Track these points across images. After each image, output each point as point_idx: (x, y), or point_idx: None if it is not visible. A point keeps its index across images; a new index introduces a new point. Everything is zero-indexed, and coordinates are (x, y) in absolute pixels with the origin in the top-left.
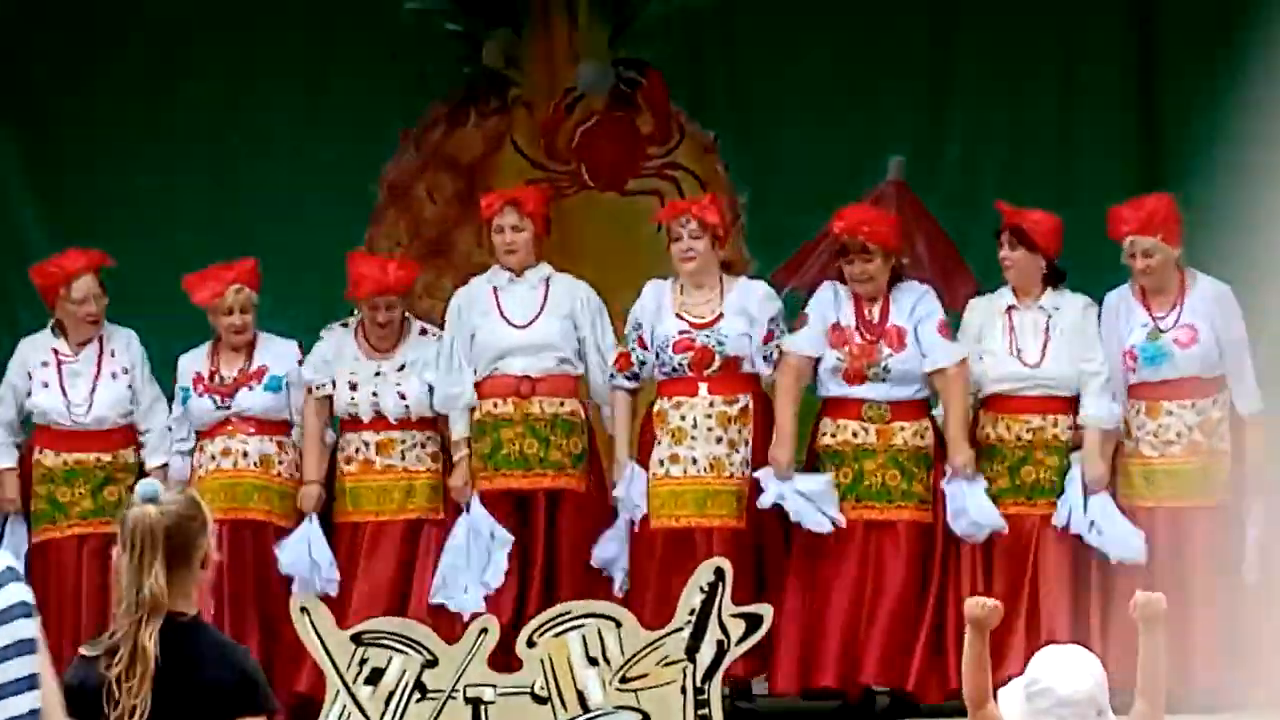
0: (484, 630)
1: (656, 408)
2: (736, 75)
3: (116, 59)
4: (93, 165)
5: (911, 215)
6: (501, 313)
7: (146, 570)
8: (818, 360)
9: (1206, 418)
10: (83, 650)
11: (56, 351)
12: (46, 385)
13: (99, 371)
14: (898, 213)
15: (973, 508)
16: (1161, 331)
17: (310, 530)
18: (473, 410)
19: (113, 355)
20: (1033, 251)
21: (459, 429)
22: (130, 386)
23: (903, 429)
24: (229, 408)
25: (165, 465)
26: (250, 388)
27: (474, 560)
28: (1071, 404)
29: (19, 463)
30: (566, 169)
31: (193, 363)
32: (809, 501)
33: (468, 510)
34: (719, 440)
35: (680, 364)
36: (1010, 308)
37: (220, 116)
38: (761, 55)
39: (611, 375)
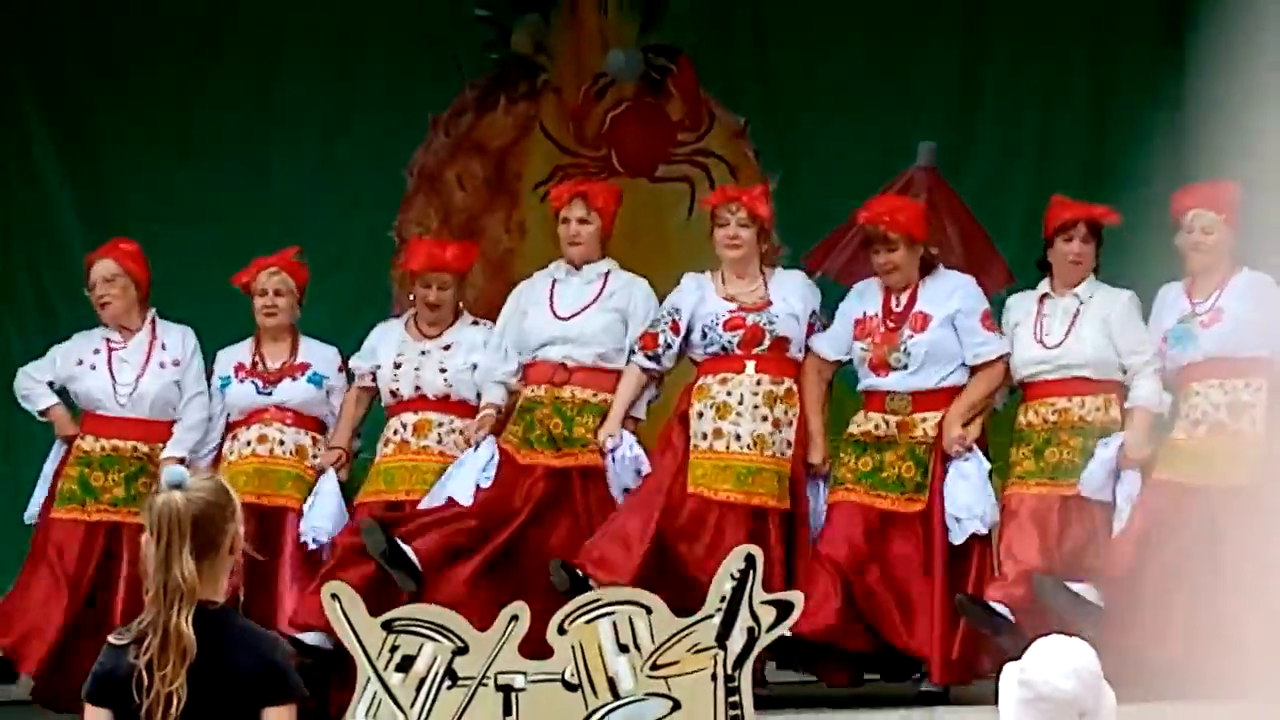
0: (514, 617)
1: (699, 383)
2: (767, 61)
3: (150, 52)
4: (127, 158)
5: (942, 201)
6: (552, 304)
7: (175, 557)
8: (838, 362)
9: (1235, 399)
10: (111, 639)
11: (108, 340)
12: (94, 369)
13: (148, 360)
14: (928, 199)
15: (957, 495)
16: (1195, 316)
17: (325, 486)
18: (516, 393)
19: (163, 348)
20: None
21: (490, 396)
22: (177, 382)
23: (924, 420)
24: (269, 394)
25: (183, 458)
26: (294, 379)
27: (468, 465)
28: (1100, 387)
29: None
30: (596, 155)
31: (234, 355)
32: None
33: (474, 449)
34: (764, 419)
35: (729, 342)
36: (1044, 296)
37: (252, 105)
38: (792, 40)
39: (632, 351)
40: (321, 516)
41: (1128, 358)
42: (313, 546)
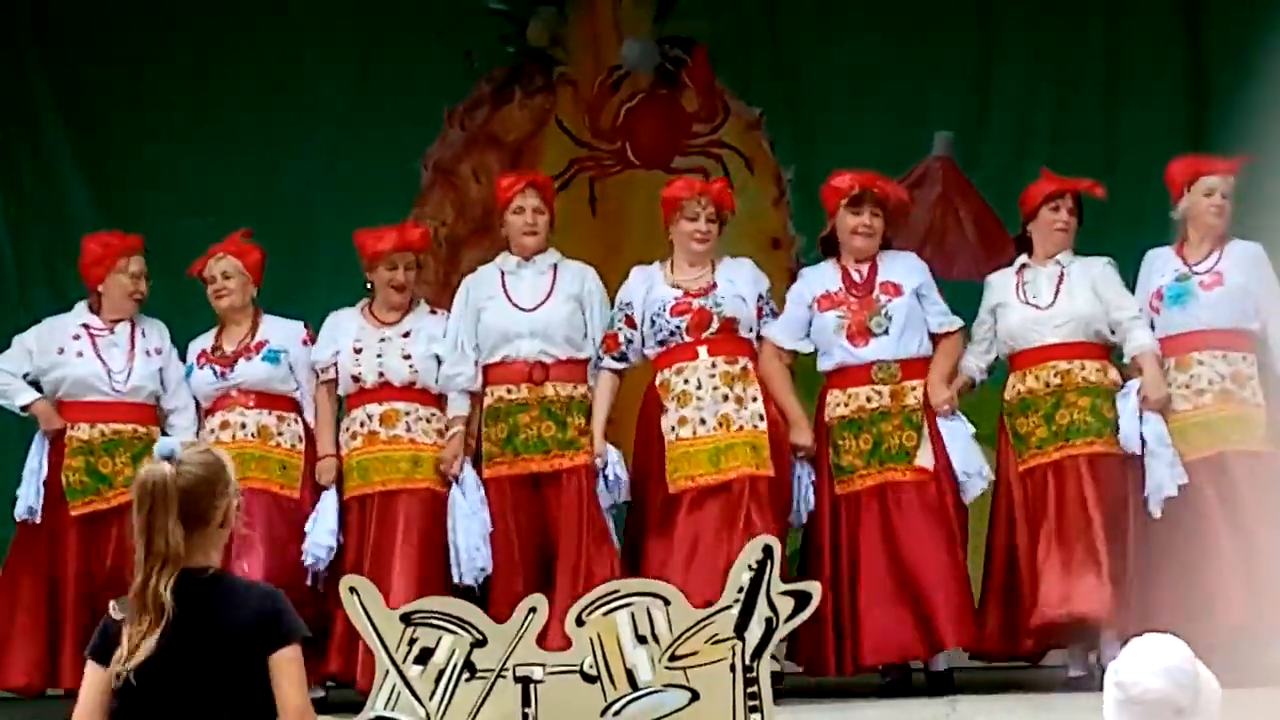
0: (532, 609)
1: (658, 380)
2: (781, 51)
3: (165, 42)
4: (142, 149)
5: (957, 191)
6: (509, 296)
7: (159, 527)
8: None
9: (1237, 370)
10: (113, 603)
11: (88, 326)
12: (81, 355)
13: (133, 347)
14: (943, 189)
15: (956, 454)
16: (1194, 275)
17: (326, 504)
18: (482, 396)
19: (144, 335)
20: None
21: (456, 408)
22: (160, 369)
23: (914, 388)
24: (227, 379)
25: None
26: (248, 359)
27: (476, 527)
28: (1096, 350)
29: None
30: (611, 147)
31: (199, 343)
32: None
33: (458, 484)
34: (725, 398)
35: (677, 328)
36: (1023, 266)
37: (267, 97)
38: (806, 31)
39: (599, 357)
40: (323, 534)
41: (1115, 313)
42: (309, 563)
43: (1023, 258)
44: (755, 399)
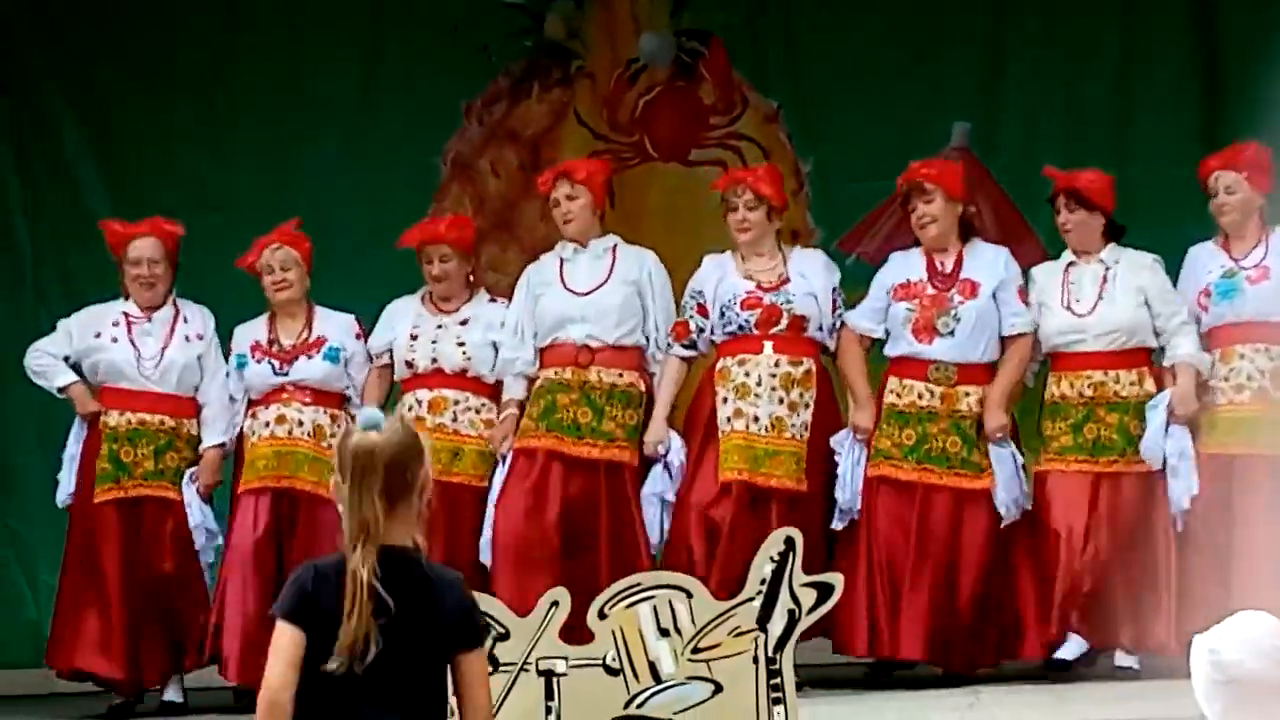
0: (555, 603)
1: (719, 366)
2: (798, 43)
3: (177, 40)
4: (155, 146)
5: (976, 181)
6: (564, 281)
7: (366, 499)
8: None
9: (1278, 365)
10: (316, 562)
11: (127, 314)
12: (116, 341)
13: (171, 333)
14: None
15: (1000, 483)
16: (1239, 270)
17: None
18: (534, 379)
19: (185, 321)
20: (1091, 210)
21: (512, 391)
22: (200, 356)
23: (968, 394)
24: (286, 375)
25: (223, 444)
26: (309, 356)
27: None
28: (1133, 359)
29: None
30: (629, 140)
31: (250, 332)
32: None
33: (503, 463)
34: (781, 401)
35: (746, 321)
36: (1069, 265)
37: (282, 93)
38: (823, 23)
39: (669, 345)
40: None
41: (1164, 320)
42: None
43: (1069, 255)
44: (809, 405)
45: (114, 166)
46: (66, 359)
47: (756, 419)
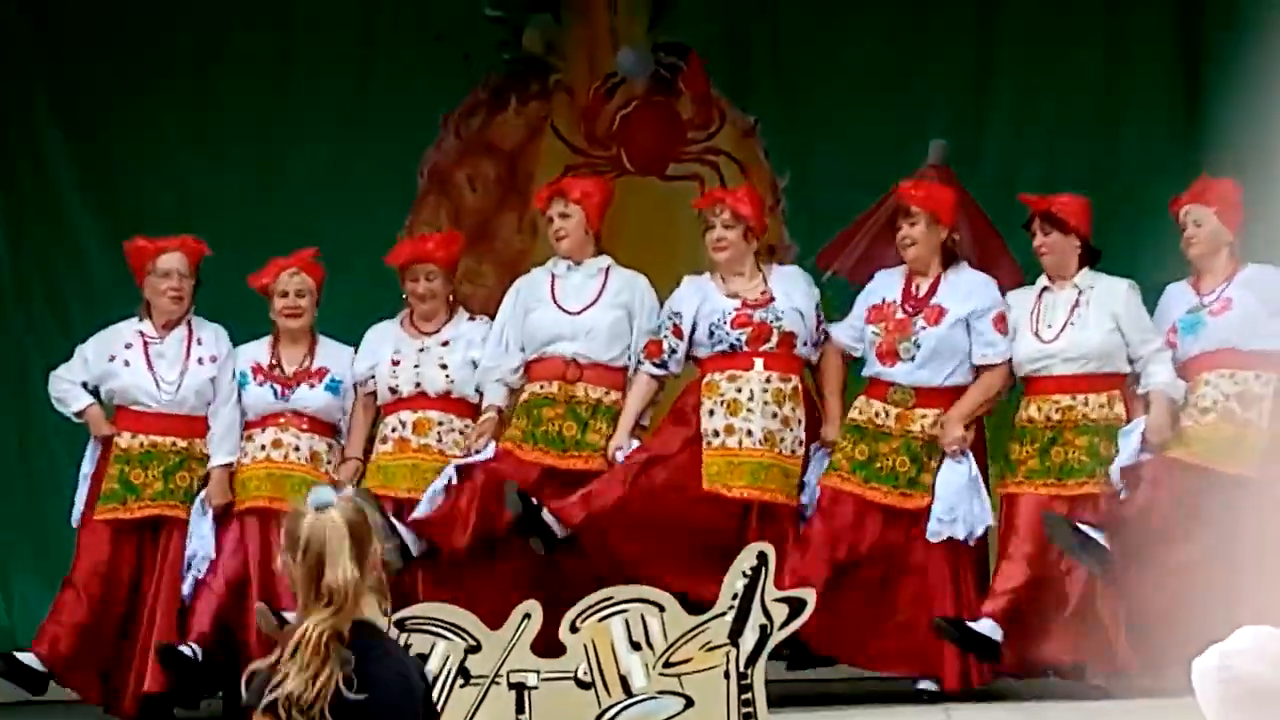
0: (527, 615)
1: (707, 379)
2: (777, 59)
3: (163, 49)
4: (141, 162)
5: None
6: (555, 299)
7: (332, 565)
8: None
9: (1246, 389)
10: (258, 665)
11: (142, 334)
12: (129, 365)
13: (188, 355)
14: None
15: (942, 494)
16: (1204, 307)
17: None
18: (518, 391)
19: (199, 343)
20: (1066, 233)
21: (492, 397)
22: (213, 379)
23: (924, 416)
24: (287, 401)
25: (230, 464)
26: (311, 385)
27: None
28: (1103, 383)
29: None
30: (607, 154)
31: (251, 352)
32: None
33: (474, 455)
34: (774, 416)
35: (738, 340)
36: (1043, 290)
37: (264, 107)
38: (803, 38)
39: (639, 361)
40: None
41: (1137, 347)
42: None
43: (1044, 280)
44: (800, 421)
45: (99, 178)
46: (85, 384)
47: (750, 433)
